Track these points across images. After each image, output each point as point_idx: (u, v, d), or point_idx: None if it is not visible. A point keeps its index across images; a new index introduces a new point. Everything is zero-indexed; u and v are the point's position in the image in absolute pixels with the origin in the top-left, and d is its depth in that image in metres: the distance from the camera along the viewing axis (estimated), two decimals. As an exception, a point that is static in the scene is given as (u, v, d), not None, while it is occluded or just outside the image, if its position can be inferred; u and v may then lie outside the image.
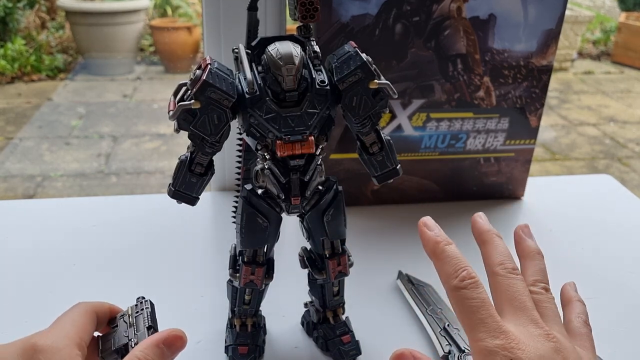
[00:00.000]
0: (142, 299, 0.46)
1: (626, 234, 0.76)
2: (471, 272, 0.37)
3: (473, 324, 0.35)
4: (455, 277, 0.37)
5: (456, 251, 0.38)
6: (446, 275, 0.37)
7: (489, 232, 0.42)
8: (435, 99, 0.73)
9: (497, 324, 0.35)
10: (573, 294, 0.44)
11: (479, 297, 0.36)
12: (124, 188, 2.33)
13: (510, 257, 0.40)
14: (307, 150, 0.44)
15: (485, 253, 0.41)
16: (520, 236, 0.45)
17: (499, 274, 0.39)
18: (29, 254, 0.67)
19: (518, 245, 0.44)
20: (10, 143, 2.64)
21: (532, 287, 0.40)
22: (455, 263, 0.37)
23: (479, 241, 0.42)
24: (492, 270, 0.39)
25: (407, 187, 0.79)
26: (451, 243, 0.39)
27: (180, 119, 0.43)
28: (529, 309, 0.37)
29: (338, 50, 0.46)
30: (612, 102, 3.44)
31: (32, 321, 0.57)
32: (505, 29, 0.70)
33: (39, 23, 3.80)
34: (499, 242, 0.41)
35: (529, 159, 0.80)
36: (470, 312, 0.36)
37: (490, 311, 0.35)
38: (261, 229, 0.47)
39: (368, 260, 0.66)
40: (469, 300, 0.36)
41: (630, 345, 0.57)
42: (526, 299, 0.37)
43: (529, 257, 0.43)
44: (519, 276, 0.39)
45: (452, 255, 0.38)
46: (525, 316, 0.37)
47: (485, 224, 0.43)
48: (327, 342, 0.53)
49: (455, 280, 0.37)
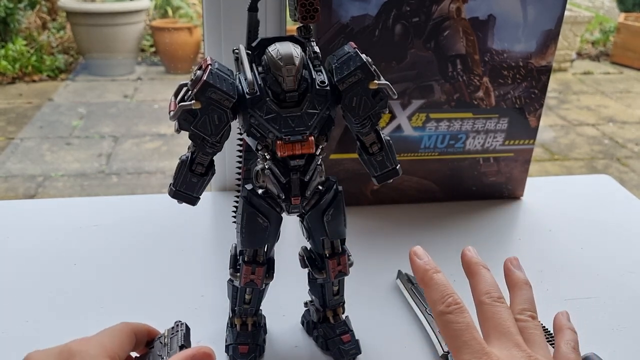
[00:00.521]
0: (179, 322, 0.48)
1: (625, 233, 0.76)
2: (457, 299, 0.39)
3: (458, 346, 0.38)
4: (442, 302, 0.39)
5: (443, 279, 0.41)
6: (433, 301, 0.40)
7: (477, 265, 0.44)
8: (434, 99, 0.73)
9: (481, 346, 0.37)
10: (565, 322, 0.46)
11: (463, 321, 0.38)
12: (125, 188, 2.33)
13: (496, 287, 0.42)
14: (307, 151, 0.44)
15: (473, 284, 0.43)
16: (509, 268, 0.47)
17: (485, 302, 0.41)
18: (29, 253, 0.67)
19: (507, 277, 0.46)
20: (11, 143, 2.64)
21: (518, 315, 0.42)
22: (442, 290, 0.40)
23: (467, 272, 0.44)
24: (479, 300, 0.42)
25: (406, 187, 0.79)
26: (439, 271, 0.41)
27: (181, 119, 0.43)
28: (513, 334, 0.39)
29: (338, 51, 0.46)
30: (611, 102, 3.44)
31: (33, 321, 0.57)
32: (505, 29, 0.71)
33: (40, 23, 3.80)
34: (486, 273, 0.43)
35: (528, 159, 0.80)
36: (455, 335, 0.38)
37: (474, 334, 0.38)
38: (261, 228, 0.47)
39: (368, 260, 0.67)
40: (454, 324, 0.38)
41: (630, 345, 0.57)
42: (510, 324, 0.40)
43: (517, 287, 0.45)
44: (504, 304, 0.41)
45: (440, 283, 0.41)
46: (509, 341, 0.39)
47: (474, 257, 0.45)
48: (327, 342, 0.54)
49: (441, 306, 0.39)
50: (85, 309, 0.59)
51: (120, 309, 0.59)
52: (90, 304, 0.60)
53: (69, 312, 0.58)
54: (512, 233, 0.76)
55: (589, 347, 0.53)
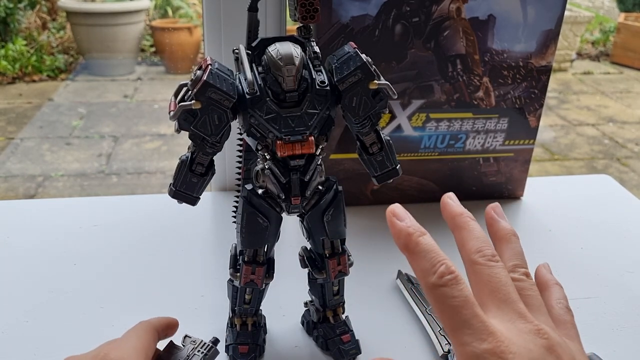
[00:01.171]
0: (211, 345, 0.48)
1: (625, 233, 0.76)
2: (450, 266, 0.33)
3: (456, 325, 0.31)
4: (433, 272, 0.32)
5: (431, 242, 0.34)
6: (422, 272, 0.33)
7: (462, 216, 0.38)
8: (434, 99, 0.73)
9: (484, 324, 0.31)
10: (549, 276, 0.41)
11: (460, 294, 0.32)
12: (125, 188, 2.33)
13: (488, 242, 0.36)
14: (307, 151, 0.44)
15: (460, 239, 0.37)
16: (492, 218, 0.40)
17: (478, 262, 0.35)
18: (29, 253, 0.67)
19: (491, 228, 0.40)
20: (11, 143, 2.64)
21: (512, 274, 0.36)
22: (431, 257, 0.33)
23: (451, 226, 0.38)
24: (469, 259, 0.35)
25: (406, 187, 0.79)
26: (425, 233, 0.34)
27: (181, 119, 0.43)
28: (514, 301, 0.34)
29: (338, 51, 0.46)
30: (611, 102, 3.44)
31: (33, 321, 0.57)
32: (505, 29, 0.71)
33: (40, 23, 3.80)
34: (474, 225, 0.37)
35: (528, 159, 0.80)
36: (452, 313, 0.32)
37: (475, 310, 0.32)
38: (261, 228, 0.47)
39: (368, 259, 0.67)
40: (450, 299, 0.32)
41: (629, 345, 0.57)
42: (510, 289, 0.34)
43: (505, 240, 0.39)
44: (500, 263, 0.35)
45: (428, 249, 0.33)
46: (512, 310, 0.33)
47: (458, 207, 0.39)
48: (327, 342, 0.54)
49: (433, 277, 0.32)
50: (85, 309, 0.59)
51: (120, 309, 0.59)
52: (90, 304, 0.60)
53: (69, 312, 0.58)
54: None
55: (589, 347, 0.53)
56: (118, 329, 0.56)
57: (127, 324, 0.57)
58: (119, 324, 0.57)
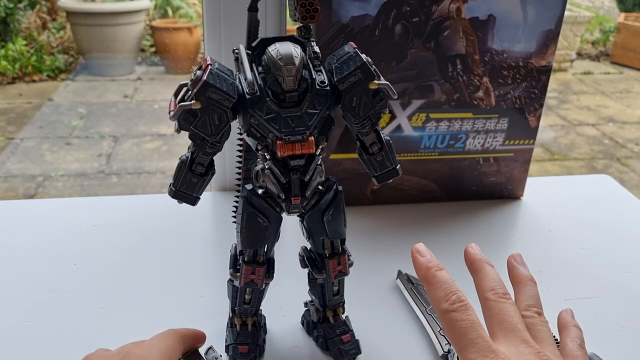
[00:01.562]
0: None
1: (625, 233, 0.76)
2: (461, 296, 0.38)
3: (463, 344, 0.36)
4: (446, 300, 0.38)
5: (447, 276, 0.40)
6: (437, 299, 0.39)
7: (481, 261, 0.43)
8: (434, 99, 0.73)
9: (487, 344, 0.36)
10: (570, 319, 0.45)
11: (468, 318, 0.37)
12: (125, 188, 2.33)
13: (501, 283, 0.41)
14: (307, 151, 0.44)
15: (477, 281, 0.42)
16: (512, 264, 0.46)
17: (490, 299, 0.40)
18: (29, 253, 0.67)
19: (511, 273, 0.46)
20: (11, 143, 2.64)
21: (524, 312, 0.41)
22: (446, 287, 0.39)
23: (471, 270, 0.44)
24: (483, 296, 0.41)
25: (406, 187, 0.79)
26: (442, 269, 0.40)
27: (181, 119, 0.43)
28: (520, 330, 0.38)
29: (338, 51, 0.46)
30: (611, 102, 3.44)
31: (33, 321, 0.57)
32: (505, 29, 0.71)
33: (40, 23, 3.80)
34: (490, 269, 0.42)
35: (528, 159, 0.80)
36: (460, 334, 0.37)
37: (480, 332, 0.37)
38: (261, 228, 0.47)
39: (368, 260, 0.67)
40: (459, 322, 0.37)
41: (630, 345, 0.57)
42: (517, 321, 0.39)
43: (522, 284, 0.44)
44: (510, 300, 0.40)
45: (443, 280, 0.39)
46: (517, 337, 0.38)
47: (477, 254, 0.44)
48: (327, 342, 0.54)
49: (445, 304, 0.38)
50: (85, 309, 0.59)
51: (120, 309, 0.59)
52: (90, 304, 0.60)
53: (69, 312, 0.58)
54: (512, 233, 0.76)
55: (589, 347, 0.53)
56: (118, 329, 0.57)
57: (127, 324, 0.57)
58: (119, 324, 0.57)
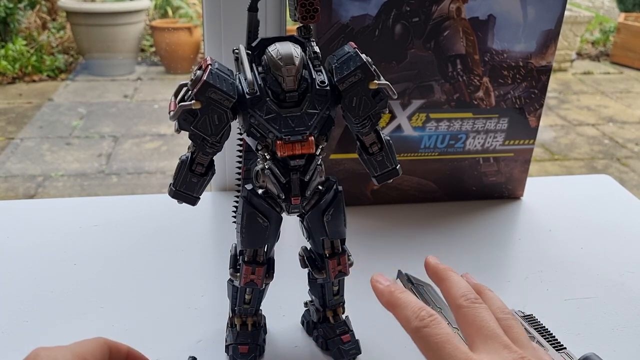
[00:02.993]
0: None
1: (625, 234, 0.76)
2: (430, 311, 0.37)
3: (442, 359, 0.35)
4: (415, 317, 0.37)
5: (412, 296, 0.39)
6: (406, 320, 0.37)
7: (445, 270, 0.42)
8: (434, 99, 0.73)
9: (466, 355, 0.35)
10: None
11: (442, 332, 0.36)
12: (125, 188, 2.33)
13: (470, 288, 0.40)
14: (307, 151, 0.44)
15: (445, 289, 0.41)
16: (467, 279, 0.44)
17: (463, 306, 0.39)
18: (29, 253, 0.67)
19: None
20: (11, 143, 2.64)
21: (499, 315, 0.40)
22: (412, 306, 0.38)
23: (436, 280, 0.43)
24: (455, 304, 0.39)
25: (406, 187, 0.79)
26: (405, 291, 0.40)
27: (181, 119, 0.43)
28: (499, 335, 0.37)
29: (338, 51, 0.46)
30: (611, 102, 3.44)
31: (33, 321, 0.57)
32: (505, 29, 0.71)
33: (40, 23, 3.80)
34: (456, 276, 0.42)
35: (528, 159, 0.80)
36: (436, 349, 0.35)
37: (456, 344, 0.35)
38: (261, 228, 0.47)
39: (368, 260, 0.66)
40: (432, 337, 0.36)
41: (630, 345, 0.57)
42: (495, 326, 0.38)
43: (482, 293, 0.43)
44: (483, 305, 0.39)
45: (409, 300, 0.38)
46: (497, 343, 0.36)
47: (439, 263, 0.43)
48: (327, 342, 0.54)
49: (415, 321, 0.37)
50: (85, 309, 0.59)
51: (120, 309, 0.59)
52: (90, 304, 0.60)
53: (69, 312, 0.58)
54: (512, 233, 0.76)
55: (589, 347, 0.53)
56: (118, 329, 0.57)
57: (127, 324, 0.57)
58: (119, 324, 0.57)
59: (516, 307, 0.59)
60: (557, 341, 0.53)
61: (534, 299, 0.62)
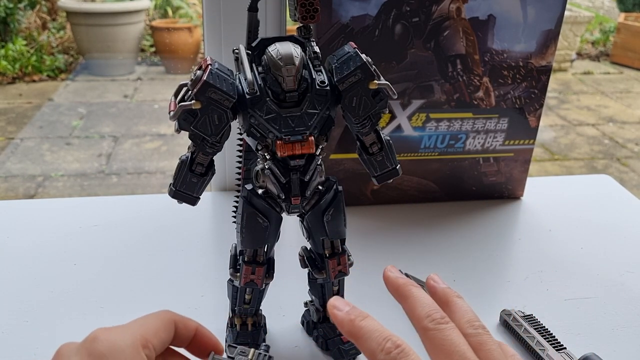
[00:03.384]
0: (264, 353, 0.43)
1: (625, 233, 0.76)
2: (396, 341, 0.34)
3: None
4: (381, 350, 0.34)
5: (374, 323, 0.36)
6: (371, 352, 0.34)
7: (406, 285, 0.39)
8: (434, 99, 0.73)
9: None
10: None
11: None
12: (125, 188, 2.33)
13: (435, 305, 0.37)
14: (307, 151, 0.44)
15: (408, 308, 0.38)
16: (433, 286, 0.41)
17: (429, 328, 0.36)
18: (29, 253, 0.67)
19: (435, 295, 0.41)
20: (11, 143, 2.64)
21: (469, 331, 0.37)
22: (376, 337, 0.35)
23: (397, 297, 0.39)
24: (421, 326, 0.36)
25: (406, 187, 0.79)
26: (367, 316, 0.36)
27: (181, 119, 0.43)
28: (470, 359, 0.34)
29: (338, 51, 0.46)
30: (611, 102, 3.44)
31: (33, 321, 0.57)
32: (505, 29, 0.71)
33: (40, 23, 3.80)
34: (419, 292, 0.38)
35: (528, 159, 0.80)
36: None
37: None
38: (261, 228, 0.47)
39: (368, 260, 0.66)
40: None
41: (630, 345, 0.57)
42: (465, 348, 0.35)
43: (452, 301, 0.39)
44: (450, 324, 0.36)
45: (372, 329, 0.35)
46: None
47: (399, 277, 0.40)
48: (327, 342, 0.54)
49: (381, 355, 0.34)
50: (85, 309, 0.59)
51: (120, 309, 0.59)
52: (90, 304, 0.60)
53: (69, 312, 0.58)
54: (512, 233, 0.76)
55: (589, 347, 0.53)
56: (118, 329, 0.57)
57: (127, 324, 0.57)
58: (119, 324, 0.57)
59: (516, 307, 0.59)
60: (557, 341, 0.53)
61: (534, 299, 0.62)
